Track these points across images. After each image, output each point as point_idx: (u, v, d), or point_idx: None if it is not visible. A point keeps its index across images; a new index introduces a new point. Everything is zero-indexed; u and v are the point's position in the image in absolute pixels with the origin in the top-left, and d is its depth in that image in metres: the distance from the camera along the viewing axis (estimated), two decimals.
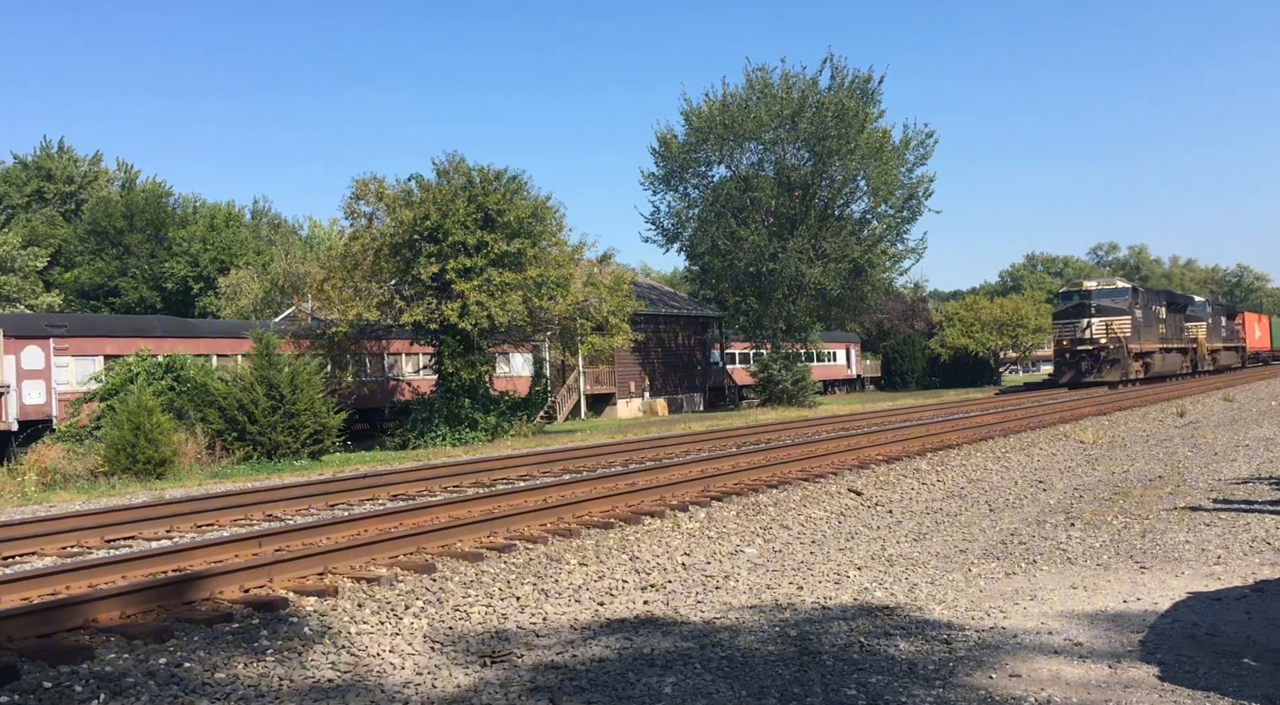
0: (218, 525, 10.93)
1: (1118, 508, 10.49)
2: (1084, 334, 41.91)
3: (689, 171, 42.40)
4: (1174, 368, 48.33)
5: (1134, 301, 42.91)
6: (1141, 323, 42.82)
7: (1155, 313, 45.66)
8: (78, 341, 28.23)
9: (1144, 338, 43.27)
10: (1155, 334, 45.31)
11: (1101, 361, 41.31)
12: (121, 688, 5.06)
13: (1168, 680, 4.94)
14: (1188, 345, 51.23)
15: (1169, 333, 47.86)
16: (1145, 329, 43.41)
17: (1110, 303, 42.47)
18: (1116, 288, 43.42)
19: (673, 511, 10.55)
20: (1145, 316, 43.56)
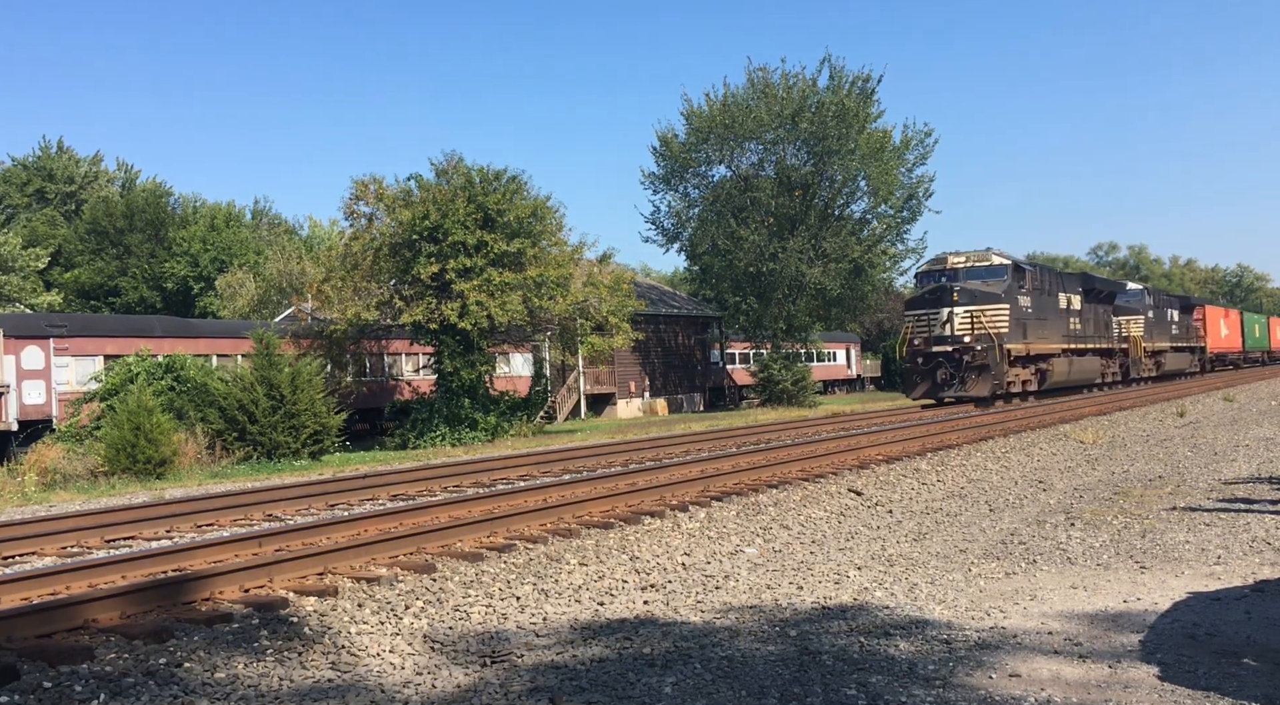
0: (218, 525, 10.93)
1: (1118, 508, 10.49)
2: (942, 330, 29.72)
3: (689, 171, 42.44)
4: (1089, 375, 35.75)
5: (1016, 285, 30.74)
6: (1030, 314, 31.32)
7: (1056, 302, 33.61)
8: (78, 341, 28.24)
9: (1033, 335, 31.30)
10: (1057, 330, 33.24)
11: (965, 368, 29.03)
12: (121, 688, 5.06)
13: (1168, 680, 4.94)
14: (1115, 345, 38.83)
15: (1085, 329, 35.84)
16: (1037, 323, 31.64)
17: (980, 286, 30.03)
18: (992, 264, 30.52)
19: (673, 511, 10.55)
20: (1038, 306, 31.98)
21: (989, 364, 28.84)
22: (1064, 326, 33.98)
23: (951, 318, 29.71)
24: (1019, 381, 30.98)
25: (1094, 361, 36.46)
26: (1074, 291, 35.60)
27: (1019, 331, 30.34)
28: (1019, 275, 31.06)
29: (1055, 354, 33.06)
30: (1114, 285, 41.63)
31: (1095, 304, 37.60)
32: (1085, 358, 35.66)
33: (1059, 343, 33.45)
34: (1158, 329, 44.68)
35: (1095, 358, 36.66)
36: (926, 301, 30.70)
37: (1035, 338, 31.51)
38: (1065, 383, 34.15)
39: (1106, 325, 38.58)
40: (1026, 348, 30.96)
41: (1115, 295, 40.56)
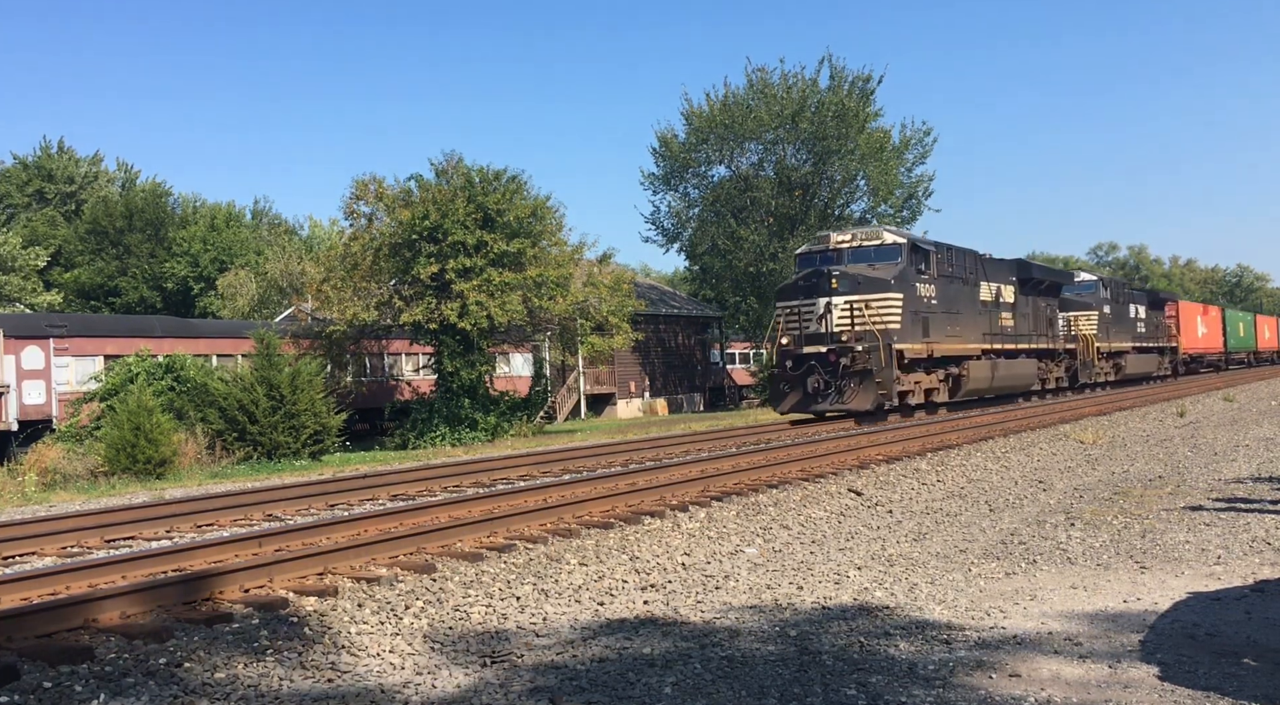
0: (218, 525, 10.93)
1: (1118, 508, 10.50)
2: (818, 326, 23.47)
3: (689, 171, 42.49)
4: (1021, 381, 29.96)
5: (914, 269, 24.09)
6: (934, 307, 25.00)
7: (975, 292, 27.59)
8: (78, 341, 28.24)
9: (940, 332, 25.02)
10: (975, 326, 27.17)
11: (842, 374, 22.80)
12: (121, 688, 5.06)
13: (1168, 680, 4.94)
14: (1061, 345, 33.28)
15: (1019, 325, 30.20)
16: (945, 318, 25.39)
17: (866, 271, 23.55)
18: (883, 244, 24.19)
19: (673, 511, 10.54)
20: (947, 296, 25.70)
21: (871, 368, 22.53)
22: (987, 322, 28.04)
23: (829, 310, 23.23)
24: (919, 390, 24.78)
25: (1029, 365, 30.50)
26: (1004, 280, 29.56)
27: (917, 328, 24.09)
28: (918, 258, 24.55)
29: (973, 356, 26.70)
30: (1059, 275, 35.37)
31: (1035, 297, 31.84)
32: (1017, 360, 29.61)
33: (978, 342, 27.08)
34: (1117, 326, 38.55)
35: (1031, 360, 30.69)
36: (800, 290, 24.09)
37: (942, 336, 25.12)
38: (988, 390, 28.06)
39: (1050, 322, 32.95)
40: (928, 348, 24.38)
41: (1062, 287, 34.73)
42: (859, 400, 22.76)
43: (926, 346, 24.54)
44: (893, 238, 24.50)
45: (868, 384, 22.71)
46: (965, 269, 27.40)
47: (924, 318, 24.50)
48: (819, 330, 23.56)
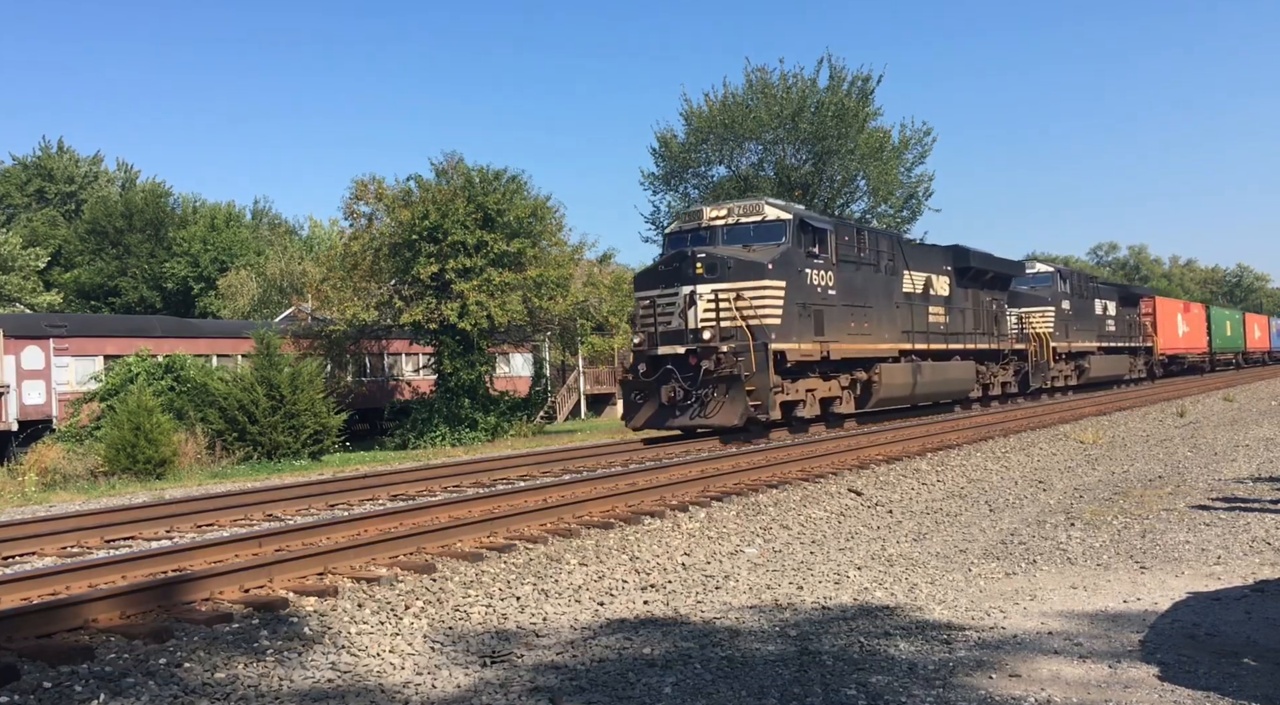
0: (218, 525, 10.92)
1: (1118, 508, 10.50)
2: (681, 321, 18.98)
3: (689, 171, 42.42)
4: (954, 385, 25.81)
5: (801, 251, 19.66)
6: (831, 299, 20.45)
7: (891, 283, 23.17)
8: (78, 341, 28.25)
9: (838, 329, 20.55)
10: (890, 323, 22.75)
11: (704, 381, 18.43)
12: (121, 688, 5.06)
13: (1167, 680, 4.94)
14: (1008, 344, 29.33)
15: (955, 322, 26.01)
16: (846, 312, 20.96)
17: (741, 254, 19.10)
18: (764, 221, 19.73)
19: (673, 511, 10.55)
20: (850, 287, 21.21)
21: (739, 374, 17.90)
22: (909, 318, 23.55)
23: (693, 302, 18.53)
24: (812, 399, 20.37)
25: (964, 368, 26.26)
26: (936, 270, 25.37)
27: (806, 324, 19.46)
28: (809, 237, 19.90)
29: (887, 357, 22.30)
30: (1008, 266, 30.35)
31: (977, 290, 27.74)
32: (950, 363, 25.42)
33: (894, 341, 22.73)
34: (1079, 324, 34.49)
35: (968, 362, 26.53)
36: (659, 277, 19.53)
37: (843, 333, 20.68)
38: (908, 398, 23.67)
39: (996, 318, 28.77)
40: (822, 348, 19.84)
41: (1011, 279, 30.51)
42: (724, 413, 18.21)
43: (819, 346, 19.84)
44: (776, 213, 19.73)
45: (735, 393, 18.09)
46: (879, 254, 22.69)
47: (816, 311, 19.82)
48: (680, 327, 18.85)
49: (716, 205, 20.57)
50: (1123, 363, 39.23)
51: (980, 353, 27.68)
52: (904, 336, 23.32)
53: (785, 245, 19.37)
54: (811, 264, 19.96)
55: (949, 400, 26.70)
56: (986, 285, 28.53)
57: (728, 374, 18.14)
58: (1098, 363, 36.15)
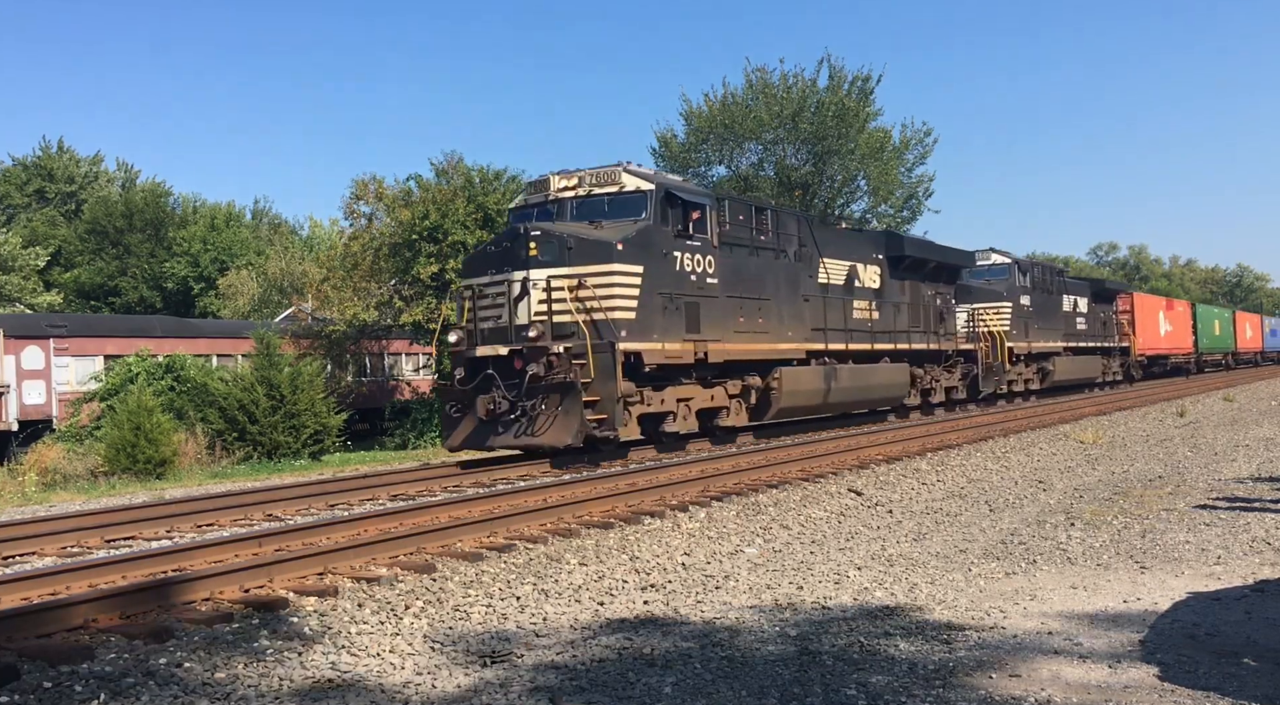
0: (218, 525, 10.92)
1: (1118, 508, 10.50)
2: (514, 315, 15.34)
3: (689, 171, 42.39)
4: (882, 392, 22.53)
5: (667, 230, 16.22)
6: (711, 288, 17.07)
7: (799, 270, 19.73)
8: (78, 341, 28.26)
9: (716, 325, 17.09)
10: (798, 319, 19.39)
11: (535, 390, 14.63)
12: (121, 688, 5.06)
13: (1168, 680, 4.94)
14: (954, 344, 25.89)
15: (884, 318, 22.65)
16: (730, 305, 17.48)
17: (586, 233, 15.53)
18: (622, 191, 16.19)
19: (673, 511, 10.55)
20: (740, 274, 17.87)
21: (574, 381, 14.22)
22: (821, 313, 20.01)
23: (525, 292, 15.02)
24: (686, 412, 16.75)
25: (895, 372, 22.66)
26: (863, 258, 22.11)
27: (674, 319, 15.93)
28: (678, 213, 16.26)
29: (791, 360, 18.88)
30: (954, 255, 26.94)
31: (917, 282, 24.37)
32: (877, 366, 22.03)
33: (799, 340, 19.15)
34: (1042, 322, 31.43)
35: (900, 365, 22.98)
36: (490, 260, 15.79)
37: (726, 331, 17.09)
38: (820, 407, 20.22)
39: (941, 315, 25.39)
40: (696, 348, 16.27)
41: (960, 271, 27.35)
42: (555, 431, 14.29)
43: (693, 346, 16.23)
44: (636, 182, 16.04)
45: (570, 405, 14.19)
46: (784, 237, 19.28)
47: (690, 304, 16.28)
48: (507, 321, 15.25)
49: (567, 173, 16.53)
50: (1094, 365, 36.03)
51: (918, 354, 24.18)
52: (816, 335, 19.90)
53: (645, 222, 15.71)
54: (683, 246, 16.34)
55: (878, 408, 23.70)
56: (928, 277, 25.07)
57: (560, 381, 14.34)
58: (1064, 365, 32.84)
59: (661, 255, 15.96)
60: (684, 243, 16.46)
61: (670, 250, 16.17)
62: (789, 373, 18.67)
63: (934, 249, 26.22)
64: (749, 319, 17.94)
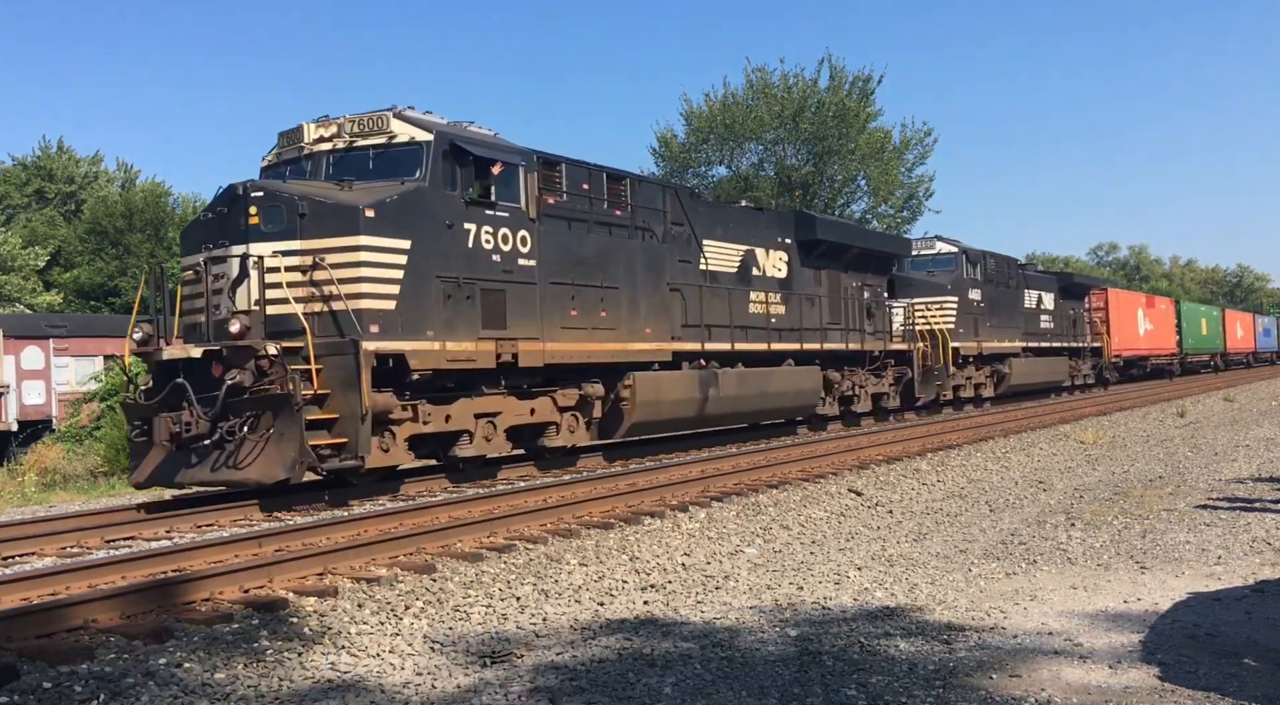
0: (218, 525, 10.91)
1: (1118, 508, 10.50)
2: (218, 309, 11.58)
3: (689, 171, 42.42)
4: (776, 402, 19.02)
5: (457, 192, 12.56)
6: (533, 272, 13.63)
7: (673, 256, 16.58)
8: (78, 341, 28.26)
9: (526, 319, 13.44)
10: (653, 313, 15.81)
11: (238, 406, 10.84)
12: (121, 688, 5.06)
13: (1168, 681, 4.94)
14: (883, 344, 22.50)
15: (793, 314, 19.49)
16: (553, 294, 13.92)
17: (320, 195, 11.74)
18: (392, 143, 12.44)
19: (673, 511, 10.56)
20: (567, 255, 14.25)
21: (289, 395, 10.83)
22: (700, 307, 16.74)
23: (245, 274, 11.54)
24: (488, 431, 13.18)
25: (803, 376, 19.20)
26: (765, 242, 18.95)
27: (461, 310, 12.60)
28: (469, 174, 12.81)
29: (651, 363, 15.55)
30: (884, 242, 24.82)
31: (836, 271, 21.14)
32: (778, 370, 18.66)
33: (660, 339, 15.75)
34: (998, 319, 28.24)
35: (808, 370, 19.38)
36: (206, 230, 12.24)
37: (550, 327, 13.81)
38: (694, 420, 16.74)
39: (869, 310, 22.32)
40: (499, 348, 12.95)
41: (894, 260, 24.40)
42: (261, 463, 10.86)
43: (494, 345, 12.75)
44: (408, 131, 12.53)
45: (285, 426, 10.78)
46: (641, 214, 15.74)
47: (489, 292, 12.79)
48: (213, 314, 11.72)
49: (326, 121, 13.00)
50: (1060, 367, 32.88)
51: (835, 355, 20.70)
52: (691, 333, 16.52)
53: (417, 183, 12.20)
54: (480, 217, 12.74)
55: (781, 419, 20.32)
56: (853, 267, 21.82)
57: (270, 394, 10.89)
58: (1022, 367, 29.48)
59: (442, 227, 12.22)
60: (482, 213, 12.76)
61: (458, 221, 12.43)
62: (646, 379, 15.18)
63: (858, 233, 23.66)
64: (586, 312, 14.38)
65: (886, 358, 22.80)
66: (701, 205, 18.79)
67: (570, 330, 14.23)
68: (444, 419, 12.60)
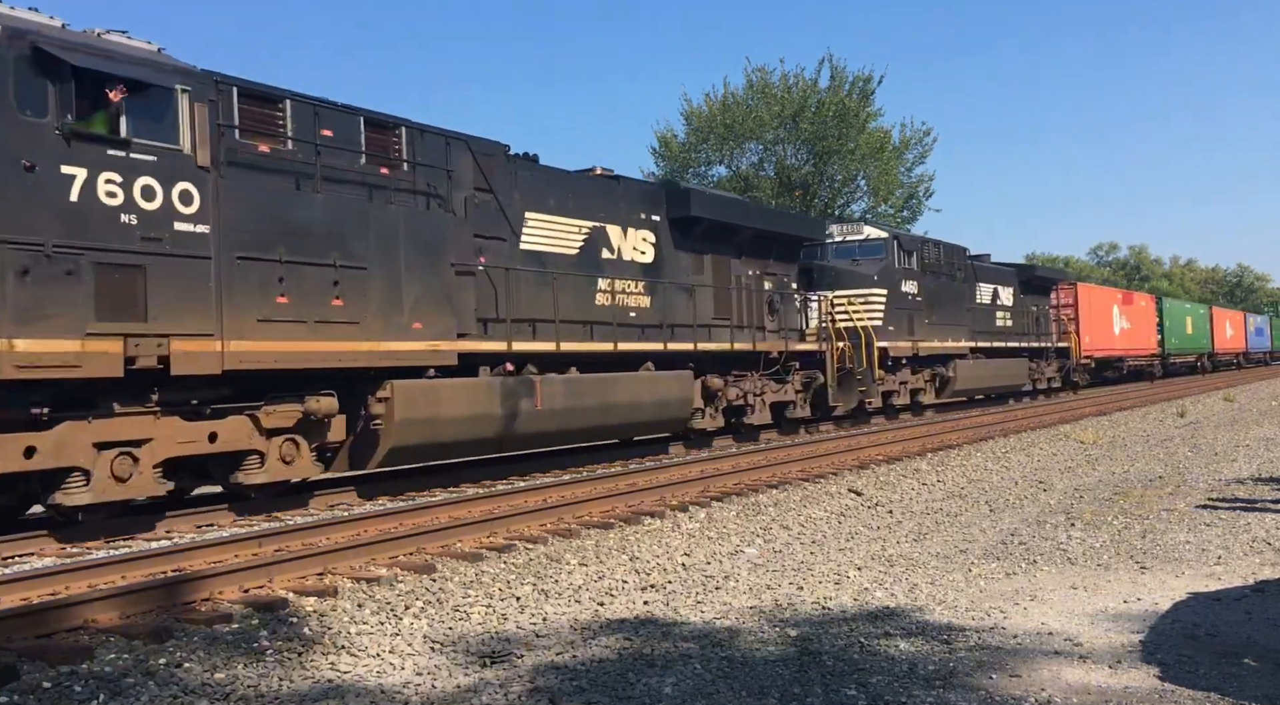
0: (218, 525, 10.91)
1: (1118, 508, 10.49)
2: None
3: (689, 171, 42.43)
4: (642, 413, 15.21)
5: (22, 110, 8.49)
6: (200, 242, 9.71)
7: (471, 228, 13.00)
8: None
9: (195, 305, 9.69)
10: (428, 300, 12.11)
11: None
12: (121, 688, 5.06)
13: (1168, 681, 4.94)
14: (783, 346, 19.02)
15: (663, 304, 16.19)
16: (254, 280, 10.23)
17: None
18: None
19: (673, 511, 10.56)
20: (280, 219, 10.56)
21: None
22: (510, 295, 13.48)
23: None
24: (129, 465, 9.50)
25: (661, 385, 15.58)
26: (616, 218, 15.66)
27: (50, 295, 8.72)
28: (62, 92, 8.89)
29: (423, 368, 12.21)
30: (786, 223, 20.84)
31: (723, 256, 17.90)
32: (625, 378, 14.97)
33: (425, 337, 12.18)
34: (939, 316, 24.74)
35: (677, 375, 15.89)
36: None
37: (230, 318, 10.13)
38: (493, 442, 13.19)
39: (771, 305, 19.07)
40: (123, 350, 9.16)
41: (801, 245, 20.80)
42: None
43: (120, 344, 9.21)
44: None
45: None
46: (420, 173, 12.47)
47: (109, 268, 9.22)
48: None
49: None
50: (1018, 369, 29.42)
51: (721, 357, 17.35)
52: (494, 329, 13.17)
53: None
54: (91, 158, 9.14)
55: (639, 436, 16.97)
56: (749, 252, 18.56)
57: None
58: (970, 370, 26.04)
59: (11, 168, 8.61)
60: (101, 153, 9.21)
61: (48, 161, 8.84)
62: (410, 390, 11.69)
63: (753, 213, 19.58)
64: (308, 300, 10.90)
65: (790, 360, 19.30)
66: (524, 169, 14.30)
67: (276, 324, 10.51)
68: (21, 453, 8.79)
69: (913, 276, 23.96)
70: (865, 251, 23.22)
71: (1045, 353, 32.31)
